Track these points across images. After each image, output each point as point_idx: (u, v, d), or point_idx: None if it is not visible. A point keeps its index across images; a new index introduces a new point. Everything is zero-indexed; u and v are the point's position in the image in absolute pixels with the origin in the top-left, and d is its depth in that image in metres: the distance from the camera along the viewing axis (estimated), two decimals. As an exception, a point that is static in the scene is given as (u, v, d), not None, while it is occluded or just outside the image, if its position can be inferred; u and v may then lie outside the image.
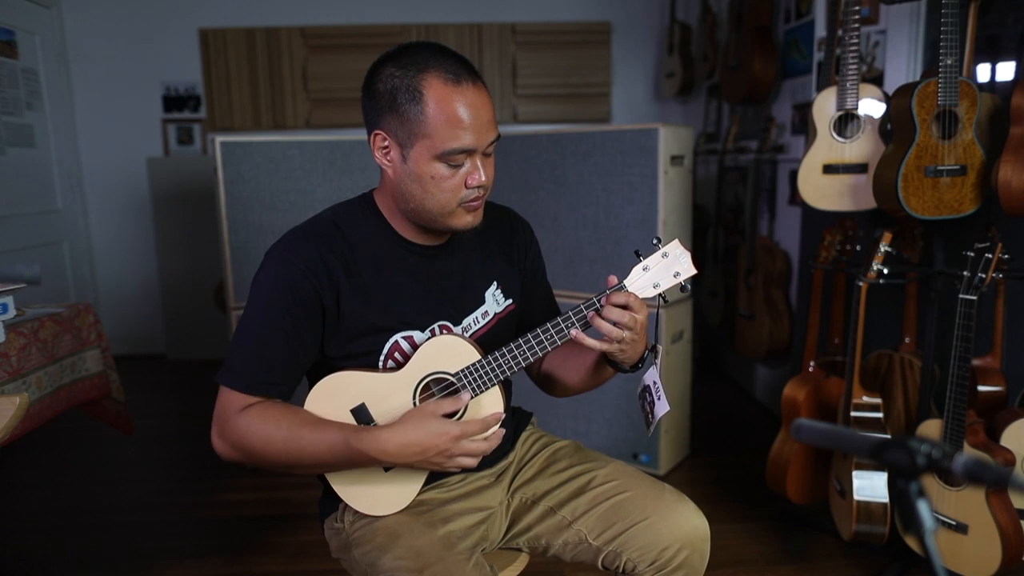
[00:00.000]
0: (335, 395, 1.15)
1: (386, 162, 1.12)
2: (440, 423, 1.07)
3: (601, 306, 1.11)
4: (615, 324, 1.10)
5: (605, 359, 1.22)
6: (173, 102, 4.38)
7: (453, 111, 1.05)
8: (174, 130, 4.41)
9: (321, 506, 1.30)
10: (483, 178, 1.10)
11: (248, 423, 1.09)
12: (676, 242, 1.13)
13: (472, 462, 1.11)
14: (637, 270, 1.12)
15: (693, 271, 1.12)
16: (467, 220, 1.14)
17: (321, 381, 1.15)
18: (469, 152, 1.08)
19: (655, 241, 1.13)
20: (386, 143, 1.11)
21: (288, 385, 1.15)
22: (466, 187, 1.10)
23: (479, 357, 1.14)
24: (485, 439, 1.10)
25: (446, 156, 1.07)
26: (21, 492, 2.75)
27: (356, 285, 1.14)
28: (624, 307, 1.10)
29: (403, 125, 1.07)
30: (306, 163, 2.73)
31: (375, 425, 1.13)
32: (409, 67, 1.06)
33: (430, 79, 1.05)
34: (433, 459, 1.08)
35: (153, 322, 4.54)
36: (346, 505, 1.20)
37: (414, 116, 1.06)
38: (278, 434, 1.09)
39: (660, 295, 1.14)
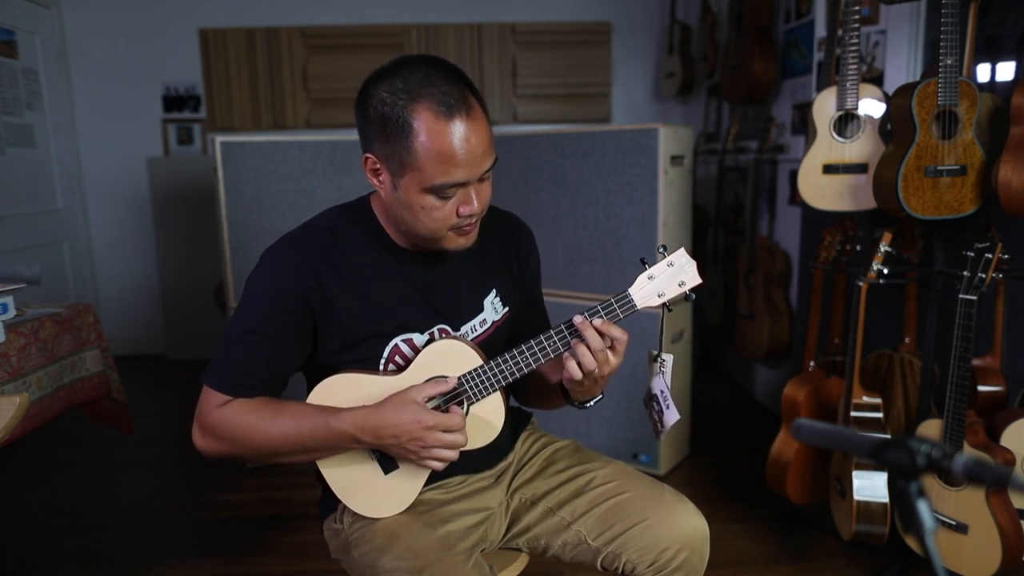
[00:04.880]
0: (335, 396, 1.15)
1: (377, 183, 1.11)
2: (416, 409, 1.07)
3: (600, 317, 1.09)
4: (591, 350, 1.08)
5: (561, 387, 1.21)
6: (173, 102, 4.38)
7: (444, 147, 1.01)
8: (174, 130, 4.40)
9: (320, 506, 1.30)
10: (475, 207, 1.08)
11: (230, 414, 1.10)
12: (682, 251, 1.10)
13: (450, 455, 1.11)
14: (642, 279, 1.10)
15: (699, 281, 1.09)
16: (460, 243, 1.13)
17: (322, 382, 1.15)
18: (461, 185, 1.06)
19: (660, 249, 1.10)
20: (377, 167, 1.09)
21: (271, 389, 1.14)
22: (458, 215, 1.08)
23: (481, 362, 1.14)
24: (461, 432, 1.10)
25: (436, 190, 1.05)
26: (21, 492, 2.75)
27: (350, 292, 1.13)
28: (602, 336, 1.09)
29: (393, 155, 1.04)
30: (306, 163, 2.73)
31: (358, 407, 1.13)
32: (400, 94, 1.01)
33: (420, 110, 1.01)
34: (407, 446, 1.08)
35: (153, 322, 4.54)
36: (345, 506, 1.20)
37: (403, 148, 1.02)
38: (260, 422, 1.09)
39: (664, 304, 1.11)
